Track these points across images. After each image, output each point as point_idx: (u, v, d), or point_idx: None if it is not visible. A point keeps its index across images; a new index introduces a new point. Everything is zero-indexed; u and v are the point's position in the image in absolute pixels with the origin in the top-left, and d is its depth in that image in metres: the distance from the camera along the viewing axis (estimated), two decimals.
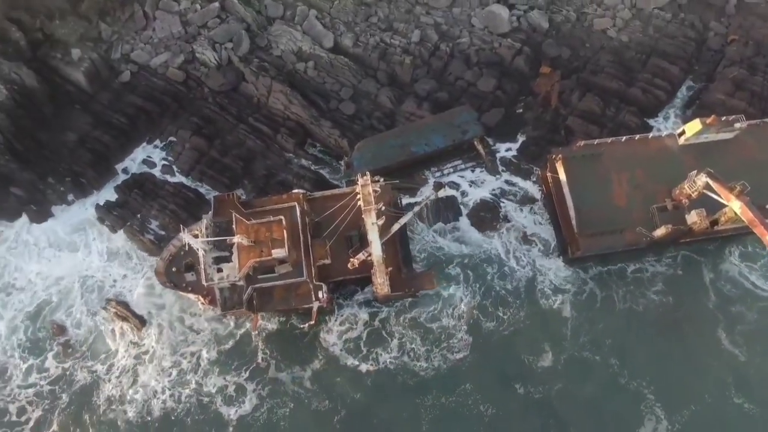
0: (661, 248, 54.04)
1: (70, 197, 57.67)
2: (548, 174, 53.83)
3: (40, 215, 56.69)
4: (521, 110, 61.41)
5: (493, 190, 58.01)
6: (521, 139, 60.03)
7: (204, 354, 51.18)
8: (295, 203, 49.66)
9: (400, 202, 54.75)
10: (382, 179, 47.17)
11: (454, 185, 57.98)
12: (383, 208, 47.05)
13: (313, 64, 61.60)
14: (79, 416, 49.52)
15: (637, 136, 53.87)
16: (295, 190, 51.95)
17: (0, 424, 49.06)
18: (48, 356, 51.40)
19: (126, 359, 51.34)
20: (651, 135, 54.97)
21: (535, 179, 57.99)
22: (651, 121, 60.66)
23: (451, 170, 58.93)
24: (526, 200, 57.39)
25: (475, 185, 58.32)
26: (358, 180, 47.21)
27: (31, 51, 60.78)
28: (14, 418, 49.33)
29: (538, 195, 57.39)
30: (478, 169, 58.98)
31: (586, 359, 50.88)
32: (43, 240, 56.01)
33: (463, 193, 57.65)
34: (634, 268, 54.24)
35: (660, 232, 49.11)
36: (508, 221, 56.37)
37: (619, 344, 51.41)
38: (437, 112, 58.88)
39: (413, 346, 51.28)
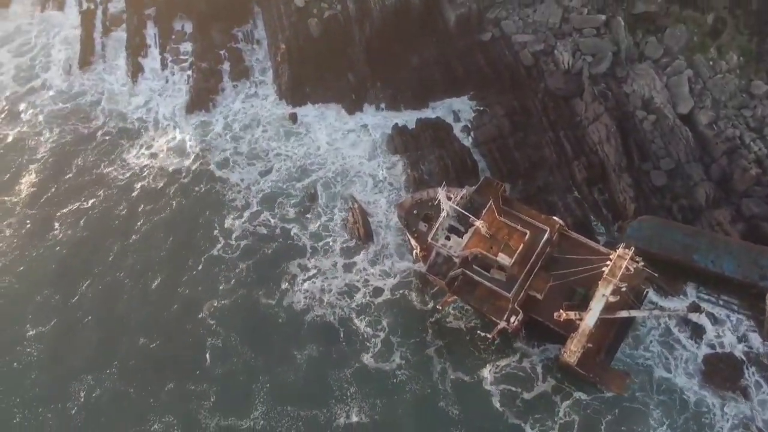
0: None
1: (382, 105, 64.33)
2: None
3: (353, 107, 64.50)
4: None
5: (750, 351, 49.14)
6: None
7: (385, 298, 52.92)
8: (548, 229, 48.31)
9: (645, 294, 49.74)
10: (642, 263, 43.29)
11: (710, 317, 50.52)
12: (624, 288, 43.40)
13: (653, 119, 57.43)
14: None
15: None
16: (555, 218, 50.41)
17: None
18: (289, 211, 58.78)
19: (331, 257, 55.54)
20: None
21: None
22: None
23: (719, 303, 51.22)
24: None
25: (730, 333, 49.98)
26: (618, 248, 44.12)
27: None
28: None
29: None
30: (746, 322, 50.24)
31: None
32: (346, 125, 63.86)
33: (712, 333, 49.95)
34: None
35: None
36: (747, 396, 47.54)
37: None
38: (749, 239, 51.00)
39: None
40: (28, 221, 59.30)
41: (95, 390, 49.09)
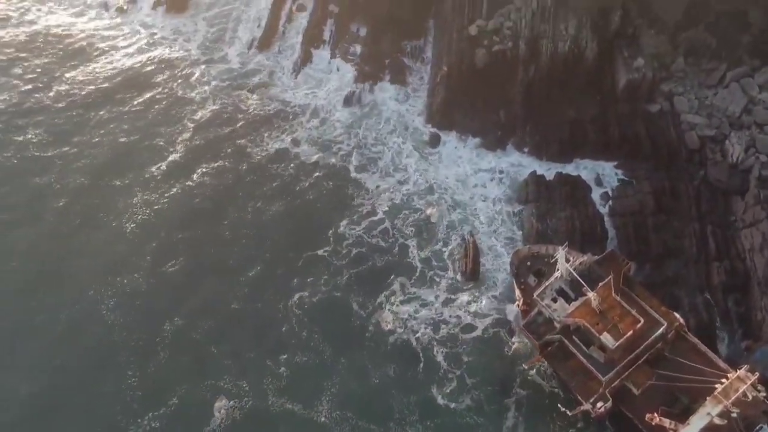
0: None
1: (525, 149, 63.25)
2: None
3: (496, 143, 64.07)
4: None
5: None
6: None
7: (473, 337, 51.40)
8: (666, 323, 44.62)
9: (759, 429, 44.24)
10: (765, 394, 38.69)
11: None
12: (735, 414, 38.99)
13: None
14: None
15: None
16: (677, 315, 46.47)
17: None
18: (408, 228, 59.06)
19: (434, 288, 54.65)
20: None
21: None
22: None
23: None
24: None
25: None
26: (740, 368, 39.83)
27: (609, 28, 63.42)
28: None
29: None
30: None
31: None
32: (483, 160, 63.59)
33: None
34: None
35: None
36: None
37: None
38: None
39: None
40: (171, 170, 64.85)
41: (179, 337, 52.10)
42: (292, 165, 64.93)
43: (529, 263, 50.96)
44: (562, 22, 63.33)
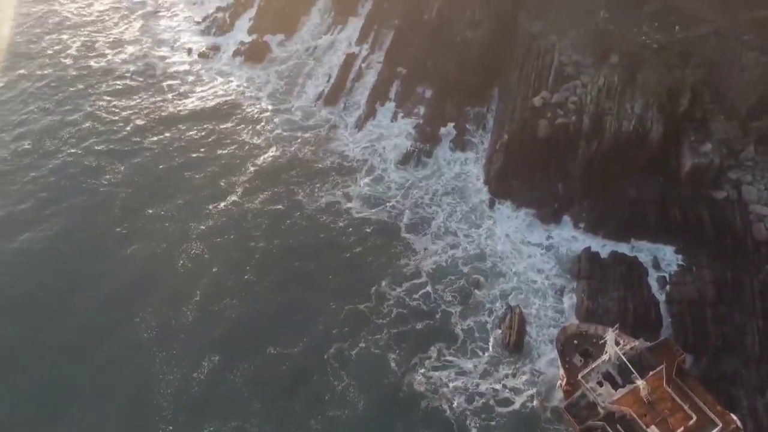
0: None
1: (581, 225, 62.01)
2: None
3: (551, 216, 63.22)
4: None
5: None
6: None
7: (509, 410, 49.29)
8: (721, 425, 41.48)
9: None
10: None
11: None
12: None
13: None
14: None
15: None
16: (734, 416, 43.20)
17: None
18: (452, 294, 58.18)
19: (473, 358, 53.12)
20: None
21: None
22: None
23: None
24: None
25: None
26: None
27: (677, 110, 62.16)
28: None
29: None
30: None
31: None
32: (537, 232, 62.64)
33: None
34: None
35: None
36: None
37: None
38: None
39: None
40: (229, 210, 66.96)
41: (214, 375, 52.25)
42: (343, 218, 65.75)
43: (576, 342, 49.02)
44: (628, 101, 62.89)
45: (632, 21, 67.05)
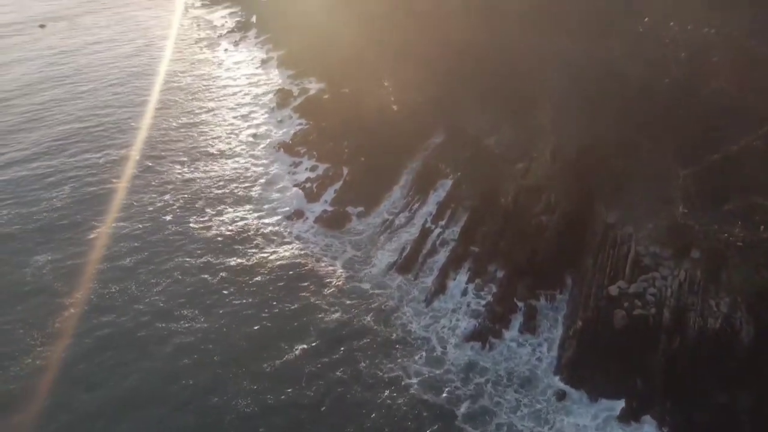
0: None
1: (665, 429, 56.05)
2: None
3: (629, 414, 57.79)
4: None
5: None
6: None
7: None
8: None
9: None
10: None
11: None
12: None
13: None
14: None
15: None
16: None
17: None
18: None
19: None
20: None
21: None
22: None
23: None
24: None
25: None
26: None
27: None
28: None
29: None
30: None
31: None
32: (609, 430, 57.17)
33: None
34: None
35: None
36: None
37: None
38: None
39: None
40: (282, 371, 65.63)
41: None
42: (400, 397, 62.43)
43: None
44: (712, 298, 59.24)
45: (713, 218, 65.77)
